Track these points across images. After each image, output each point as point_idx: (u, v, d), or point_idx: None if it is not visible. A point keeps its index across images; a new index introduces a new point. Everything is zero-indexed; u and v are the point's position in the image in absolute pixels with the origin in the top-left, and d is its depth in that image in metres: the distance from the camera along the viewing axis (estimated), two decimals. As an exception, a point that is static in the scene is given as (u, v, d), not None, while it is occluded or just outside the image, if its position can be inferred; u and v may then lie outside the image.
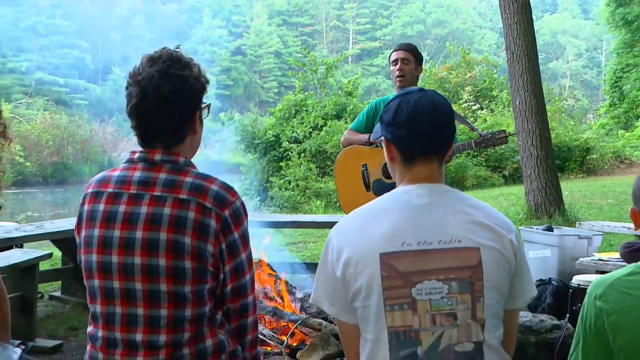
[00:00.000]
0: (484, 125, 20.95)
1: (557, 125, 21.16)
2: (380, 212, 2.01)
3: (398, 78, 4.88)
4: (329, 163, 19.10)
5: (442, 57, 40.46)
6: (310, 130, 20.00)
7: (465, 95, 23.93)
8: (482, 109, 23.54)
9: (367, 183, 4.92)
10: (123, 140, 32.55)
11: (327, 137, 19.28)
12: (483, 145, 4.84)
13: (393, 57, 5.01)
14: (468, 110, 23.14)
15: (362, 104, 21.85)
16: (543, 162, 10.58)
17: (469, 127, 5.16)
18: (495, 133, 4.86)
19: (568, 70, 67.82)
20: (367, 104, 5.86)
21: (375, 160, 4.81)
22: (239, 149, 22.16)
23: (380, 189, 4.51)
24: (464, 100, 23.67)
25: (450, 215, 1.98)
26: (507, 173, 20.48)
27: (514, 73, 10.79)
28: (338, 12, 75.57)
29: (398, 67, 4.92)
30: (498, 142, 4.85)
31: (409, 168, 2.07)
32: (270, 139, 20.48)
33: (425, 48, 67.48)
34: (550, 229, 6.66)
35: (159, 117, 2.12)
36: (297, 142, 19.85)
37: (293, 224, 8.47)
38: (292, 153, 19.39)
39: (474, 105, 23.67)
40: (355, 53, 69.33)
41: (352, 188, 4.93)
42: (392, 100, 2.10)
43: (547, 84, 25.79)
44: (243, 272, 2.15)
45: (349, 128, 5.22)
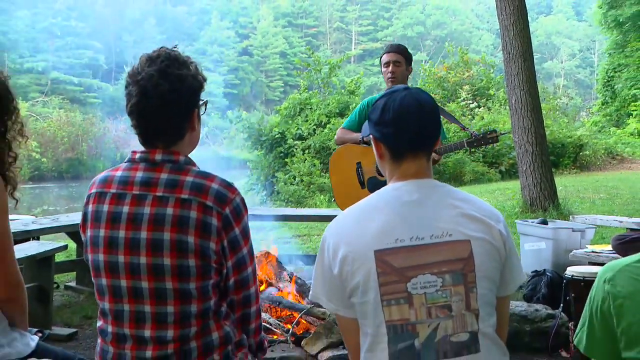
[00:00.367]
0: (481, 123, 20.95)
1: (551, 123, 21.11)
2: (373, 210, 1.99)
3: (390, 80, 4.89)
4: (332, 159, 19.05)
5: (441, 57, 40.48)
6: (315, 128, 19.97)
7: (464, 94, 23.90)
8: (479, 107, 23.52)
9: (361, 180, 4.91)
10: (134, 137, 32.31)
11: (330, 134, 19.23)
12: (475, 145, 4.83)
13: (385, 59, 5.00)
14: (466, 109, 23.12)
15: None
16: (538, 158, 10.58)
17: (461, 126, 5.15)
18: (487, 133, 4.84)
19: (562, 70, 67.69)
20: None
21: (370, 159, 4.79)
22: (246, 146, 22.14)
23: (375, 186, 4.51)
24: (462, 99, 23.63)
25: (440, 210, 1.97)
26: (503, 169, 20.47)
27: (510, 72, 10.78)
28: (341, 14, 75.48)
29: (390, 69, 4.92)
30: (489, 141, 4.84)
31: (398, 165, 2.05)
32: (276, 136, 20.46)
33: (425, 48, 67.45)
34: (545, 222, 6.66)
35: (159, 115, 2.11)
36: (301, 139, 19.82)
37: (298, 217, 8.48)
38: (297, 149, 19.36)
39: (472, 104, 23.63)
40: (358, 53, 69.24)
41: (347, 185, 4.93)
42: (379, 99, 2.09)
43: (542, 83, 25.73)
44: (245, 265, 2.15)
45: (342, 127, 5.20)
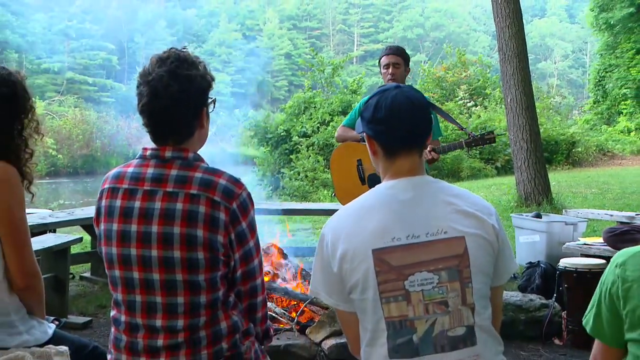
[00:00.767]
0: (478, 121, 20.93)
1: (545, 121, 21.06)
2: (369, 209, 1.98)
3: (389, 80, 4.85)
4: (336, 156, 19.06)
5: (439, 58, 40.40)
6: (318, 126, 19.96)
7: (461, 93, 23.88)
8: (476, 106, 23.50)
9: (362, 177, 4.89)
10: (146, 135, 32.32)
11: (333, 131, 19.16)
12: (473, 145, 4.83)
13: (384, 61, 4.97)
14: (463, 107, 23.10)
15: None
16: (532, 154, 10.57)
17: (459, 127, 5.13)
18: (485, 133, 4.84)
19: (555, 70, 67.48)
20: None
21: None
22: (253, 143, 22.16)
23: (375, 182, 4.50)
24: (460, 98, 23.62)
25: (435, 207, 1.95)
26: (499, 165, 20.46)
27: (506, 72, 10.77)
28: (344, 16, 75.32)
29: (390, 71, 4.89)
30: (487, 141, 4.83)
31: (391, 162, 2.03)
32: (282, 134, 20.46)
33: (424, 50, 67.31)
34: (539, 216, 6.66)
35: (169, 115, 2.12)
36: (306, 136, 19.82)
37: (302, 212, 8.48)
38: (301, 146, 19.36)
39: (469, 103, 23.61)
40: (360, 54, 69.03)
41: (348, 182, 4.91)
42: (371, 98, 2.07)
43: (536, 83, 25.67)
44: (252, 257, 2.15)
45: (342, 124, 5.19)
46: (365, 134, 2.08)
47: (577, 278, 4.69)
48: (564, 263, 4.89)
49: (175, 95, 2.08)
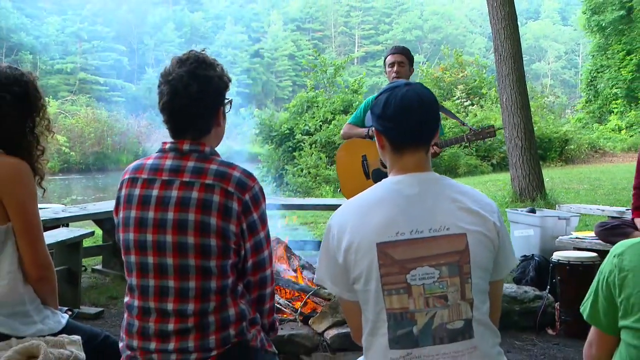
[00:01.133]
0: (474, 120, 20.88)
1: (539, 120, 21.05)
2: (375, 203, 1.96)
3: (394, 79, 4.83)
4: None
5: (437, 59, 40.30)
6: (321, 124, 19.94)
7: (458, 93, 23.83)
8: (472, 105, 23.47)
9: (366, 172, 4.90)
10: (155, 132, 32.54)
11: (335, 129, 19.21)
12: (474, 139, 4.83)
13: (389, 60, 4.95)
14: (460, 106, 23.05)
15: (366, 101, 21.76)
16: (527, 152, 10.55)
17: (460, 122, 5.13)
18: (485, 128, 4.84)
19: (549, 71, 67.36)
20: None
21: (374, 152, 4.78)
22: (258, 140, 22.12)
23: (379, 177, 4.49)
24: (457, 97, 23.57)
25: (439, 204, 1.94)
26: (495, 162, 20.42)
27: (502, 73, 10.73)
28: (345, 19, 75.22)
29: (395, 69, 4.87)
30: (487, 135, 4.83)
31: (399, 157, 2.02)
32: (285, 132, 20.45)
33: (423, 51, 67.16)
34: (533, 211, 6.64)
35: (188, 112, 2.15)
36: (308, 134, 19.80)
37: (305, 207, 8.47)
38: (304, 144, 19.35)
39: (466, 102, 23.57)
40: (360, 55, 68.95)
41: (353, 177, 4.91)
42: (381, 94, 2.05)
43: (530, 83, 25.58)
44: (262, 248, 2.16)
45: (348, 122, 5.19)
46: (375, 129, 2.07)
47: (569, 270, 4.68)
48: (557, 256, 4.88)
49: (194, 95, 2.12)
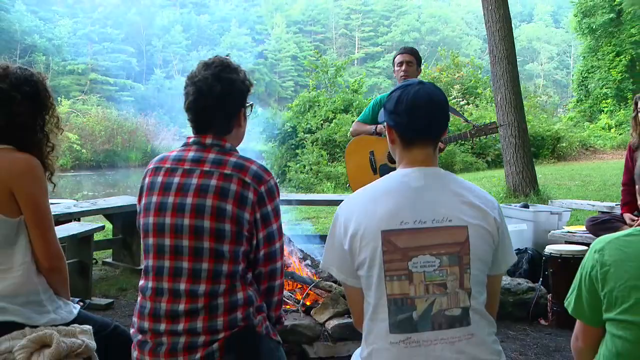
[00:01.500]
0: (470, 118, 20.81)
1: (532, 118, 21.01)
2: (383, 193, 1.98)
3: (403, 78, 4.81)
4: (338, 150, 19.07)
5: (434, 60, 40.12)
6: (322, 122, 19.94)
7: (454, 93, 23.79)
8: (468, 104, 23.43)
9: (374, 167, 4.90)
10: (163, 131, 32.57)
11: (336, 128, 19.24)
12: (477, 135, 4.82)
13: (398, 59, 4.93)
14: (456, 106, 23.00)
15: (366, 100, 21.75)
16: (520, 149, 10.55)
17: (464, 119, 5.13)
18: (488, 124, 4.84)
19: (542, 71, 67.21)
20: (370, 100, 5.82)
21: (382, 148, 4.78)
22: (262, 138, 22.12)
23: (386, 172, 4.50)
24: (453, 97, 23.52)
25: (443, 197, 1.96)
26: (489, 159, 20.40)
27: (496, 73, 10.73)
28: (346, 21, 75.13)
29: (404, 69, 4.86)
30: (490, 131, 4.83)
31: (407, 151, 2.04)
32: (288, 130, 20.45)
33: (420, 52, 66.70)
34: (526, 206, 6.64)
35: (211, 112, 2.21)
36: (310, 132, 19.80)
37: (307, 202, 8.48)
38: (306, 142, 19.34)
39: (462, 101, 23.53)
40: (360, 56, 68.85)
41: (361, 172, 4.91)
42: (394, 91, 2.08)
43: (524, 83, 25.51)
44: (274, 240, 2.20)
45: (357, 120, 5.20)
46: (386, 124, 2.10)
47: (561, 263, 4.69)
48: (550, 249, 4.88)
49: (218, 96, 2.19)
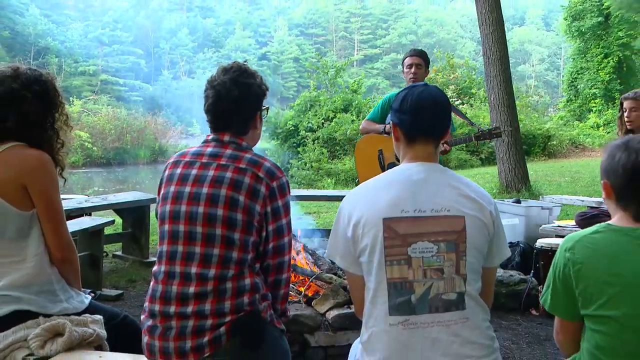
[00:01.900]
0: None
1: (524, 117, 21.01)
2: (385, 185, 2.02)
3: (411, 79, 4.78)
4: (338, 148, 19.08)
5: (430, 61, 40.14)
6: (323, 121, 19.95)
7: (450, 93, 23.76)
8: (463, 104, 23.43)
9: (382, 165, 4.88)
10: (170, 130, 32.57)
11: (336, 127, 19.25)
12: (481, 139, 4.79)
13: (408, 61, 4.89)
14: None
15: (365, 100, 21.79)
16: (513, 147, 10.55)
17: (469, 122, 5.08)
18: (492, 129, 4.81)
19: (533, 73, 67.19)
20: (380, 99, 5.80)
21: (390, 146, 4.74)
22: (265, 137, 22.14)
23: None
24: (449, 97, 23.50)
25: (442, 189, 1.98)
26: (483, 156, 20.42)
27: (490, 74, 10.71)
28: (345, 24, 75.09)
29: (413, 71, 4.83)
30: (494, 135, 4.80)
31: (410, 147, 2.07)
32: (290, 128, 20.47)
33: (417, 54, 66.93)
34: (519, 202, 6.64)
35: (229, 115, 2.26)
36: (312, 131, 19.80)
37: (309, 197, 8.46)
38: (307, 140, 19.35)
39: (457, 101, 23.53)
40: (360, 58, 68.81)
41: (370, 169, 4.89)
42: (401, 92, 2.13)
43: (516, 84, 25.50)
44: (283, 234, 2.23)
45: (366, 119, 5.17)
46: (392, 121, 2.14)
47: (552, 256, 4.65)
48: (541, 243, 4.89)
49: (236, 99, 2.24)
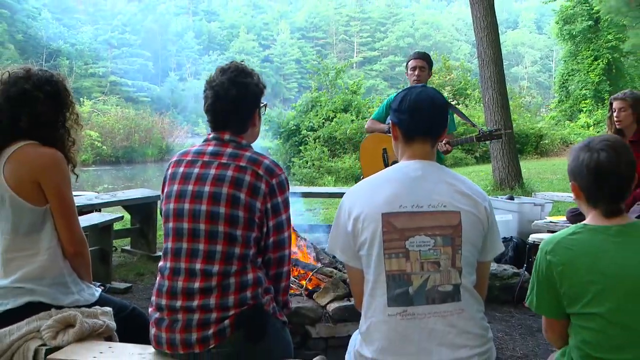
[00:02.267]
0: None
1: (517, 117, 20.98)
2: (385, 181, 2.03)
3: (415, 82, 4.75)
4: (338, 147, 19.08)
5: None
6: (323, 121, 19.93)
7: (445, 94, 23.74)
8: (458, 105, 23.36)
9: (386, 163, 4.87)
10: (177, 129, 32.59)
11: (336, 126, 19.25)
12: (482, 140, 4.77)
13: (412, 64, 4.86)
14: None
15: (364, 101, 21.76)
16: (506, 146, 10.57)
17: (471, 123, 5.05)
18: (493, 130, 4.78)
19: (526, 74, 67.07)
20: (379, 99, 5.79)
21: None
22: (267, 136, 22.13)
23: None
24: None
25: (439, 186, 1.99)
26: (478, 155, 20.42)
27: (484, 76, 10.73)
28: (345, 28, 75.02)
29: (416, 73, 4.80)
30: (495, 137, 4.76)
31: (408, 146, 2.08)
32: (292, 128, 20.43)
33: (414, 56, 66.85)
34: (512, 198, 6.64)
35: (228, 114, 2.25)
36: (313, 130, 19.78)
37: (310, 194, 8.46)
38: (309, 139, 19.33)
39: (452, 102, 23.47)
40: (359, 60, 68.69)
41: (374, 167, 4.87)
42: (400, 92, 2.15)
43: (509, 85, 25.44)
44: (283, 229, 2.24)
45: (372, 118, 5.16)
46: (391, 121, 2.15)
47: (544, 251, 4.68)
48: (533, 238, 4.89)
49: (234, 99, 2.23)
